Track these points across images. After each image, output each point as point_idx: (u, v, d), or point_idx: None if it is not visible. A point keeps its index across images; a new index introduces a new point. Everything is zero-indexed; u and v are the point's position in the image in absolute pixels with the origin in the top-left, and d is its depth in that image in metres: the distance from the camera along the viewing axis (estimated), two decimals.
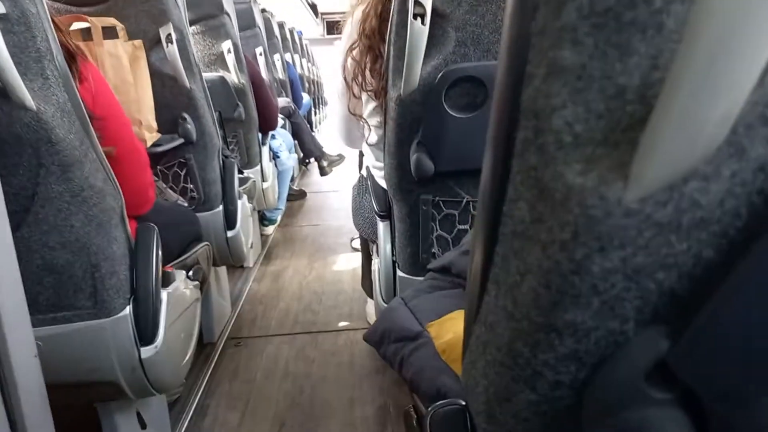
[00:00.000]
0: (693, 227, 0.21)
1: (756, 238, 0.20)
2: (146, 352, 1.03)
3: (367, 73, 1.10)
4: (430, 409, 0.47)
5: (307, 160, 4.13)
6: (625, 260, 0.21)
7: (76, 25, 1.39)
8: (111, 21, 1.43)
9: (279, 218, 3.06)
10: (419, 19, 0.86)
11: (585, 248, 0.21)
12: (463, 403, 0.46)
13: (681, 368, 0.22)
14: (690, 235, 0.21)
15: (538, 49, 0.22)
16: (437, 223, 1.07)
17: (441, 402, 0.47)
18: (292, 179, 3.47)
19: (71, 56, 0.93)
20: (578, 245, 0.21)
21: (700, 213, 0.21)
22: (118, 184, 0.98)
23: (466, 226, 1.06)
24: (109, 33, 1.43)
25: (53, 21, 0.88)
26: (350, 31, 1.17)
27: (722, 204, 0.21)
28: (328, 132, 5.88)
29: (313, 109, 5.24)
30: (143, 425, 1.22)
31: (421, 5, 0.85)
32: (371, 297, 1.71)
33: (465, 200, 1.04)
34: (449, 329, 0.61)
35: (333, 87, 1.32)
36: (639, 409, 0.23)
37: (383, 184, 1.22)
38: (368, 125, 1.21)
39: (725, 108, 0.18)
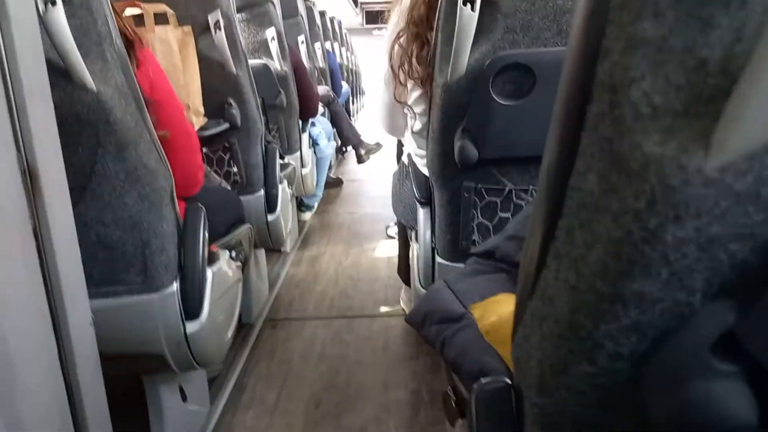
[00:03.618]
0: None
1: None
2: (191, 326, 1.06)
3: (414, 60, 1.11)
4: (475, 386, 0.48)
5: (344, 148, 4.15)
6: (699, 230, 0.21)
7: (129, 11, 1.43)
8: (162, 7, 1.47)
9: (316, 205, 3.10)
10: (469, 5, 0.86)
11: (660, 217, 0.22)
12: (509, 381, 0.47)
13: (750, 340, 0.22)
14: None
15: (617, 24, 0.23)
16: (478, 210, 1.07)
17: (487, 379, 0.48)
18: (330, 167, 3.50)
19: (129, 42, 0.96)
20: (653, 214, 0.22)
21: None
22: (169, 165, 1.01)
23: (508, 214, 1.06)
24: (160, 19, 1.47)
25: (112, 7, 0.91)
26: (397, 19, 1.17)
27: None
28: (366, 120, 5.91)
29: (351, 98, 5.26)
30: (185, 398, 1.26)
31: None
32: (407, 284, 1.72)
33: (507, 188, 1.04)
34: (493, 311, 0.62)
35: (374, 76, 1.32)
36: (703, 380, 0.23)
37: (425, 171, 1.23)
38: (413, 112, 1.22)
39: None
